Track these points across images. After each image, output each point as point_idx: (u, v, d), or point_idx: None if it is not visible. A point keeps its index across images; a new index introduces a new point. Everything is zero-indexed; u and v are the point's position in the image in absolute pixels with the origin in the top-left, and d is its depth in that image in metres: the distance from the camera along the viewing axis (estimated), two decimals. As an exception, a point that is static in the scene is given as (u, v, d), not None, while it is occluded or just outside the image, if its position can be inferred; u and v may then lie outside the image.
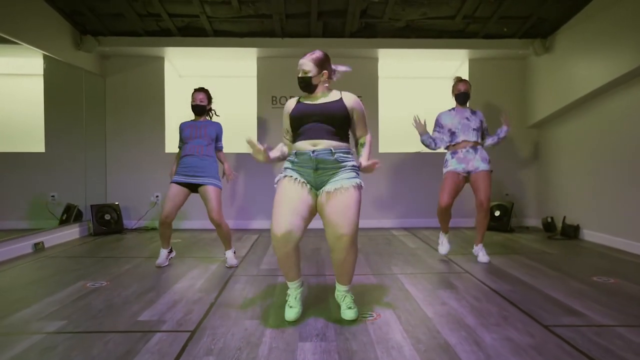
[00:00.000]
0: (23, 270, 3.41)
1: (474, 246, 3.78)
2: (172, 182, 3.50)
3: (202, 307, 2.49)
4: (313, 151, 2.25)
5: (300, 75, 2.35)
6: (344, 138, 2.36)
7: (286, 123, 2.46)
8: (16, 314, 2.38)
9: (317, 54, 2.37)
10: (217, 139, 3.67)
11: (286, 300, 2.36)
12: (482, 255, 3.66)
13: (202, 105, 3.61)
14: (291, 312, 2.27)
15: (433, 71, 6.16)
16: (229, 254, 3.58)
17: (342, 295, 2.39)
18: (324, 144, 2.25)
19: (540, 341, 2.00)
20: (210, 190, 3.44)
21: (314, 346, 1.95)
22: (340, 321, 2.26)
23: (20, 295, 2.74)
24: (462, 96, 3.79)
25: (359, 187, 2.26)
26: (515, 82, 5.78)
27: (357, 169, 2.33)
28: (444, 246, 3.84)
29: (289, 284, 2.37)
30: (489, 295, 2.73)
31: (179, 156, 3.60)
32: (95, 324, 2.22)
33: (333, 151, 2.24)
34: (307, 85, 2.36)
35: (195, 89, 3.67)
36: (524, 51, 5.36)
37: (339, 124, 2.32)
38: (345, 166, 2.27)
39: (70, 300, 2.62)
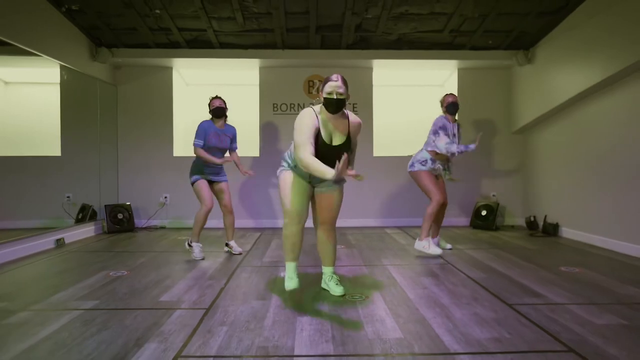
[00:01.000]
0: (50, 262, 3.79)
1: (438, 240, 4.26)
2: (199, 179, 3.96)
3: (214, 291, 2.87)
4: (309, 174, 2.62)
5: (335, 98, 2.49)
6: None
7: (311, 132, 2.48)
8: (54, 295, 2.76)
9: (342, 77, 2.58)
10: (233, 140, 4.20)
11: (285, 276, 2.75)
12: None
13: (222, 107, 4.08)
14: (292, 282, 2.67)
15: (425, 80, 6.55)
16: (234, 242, 4.18)
17: (329, 275, 2.86)
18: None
19: (501, 315, 2.37)
20: (225, 186, 4.13)
21: (310, 319, 2.33)
22: (333, 301, 2.63)
23: (53, 282, 3.12)
24: (453, 106, 4.12)
25: (342, 191, 2.80)
26: (500, 90, 6.17)
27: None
28: (436, 248, 3.96)
29: (288, 264, 2.75)
30: (465, 281, 3.10)
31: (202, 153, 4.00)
32: (124, 304, 2.59)
33: None
34: (340, 107, 2.53)
35: (212, 97, 4.14)
36: (508, 62, 5.75)
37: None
38: None
39: (97, 285, 3.00)
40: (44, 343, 2.00)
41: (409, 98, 6.74)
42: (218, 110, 4.06)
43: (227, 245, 4.21)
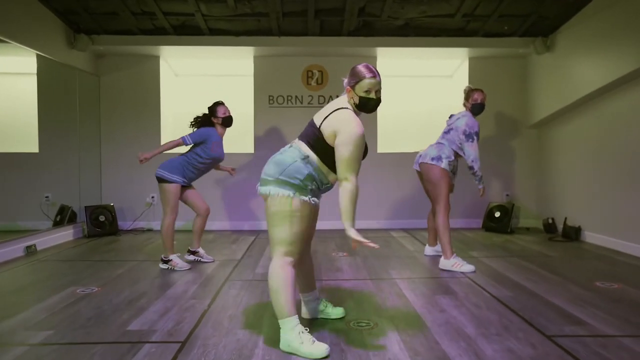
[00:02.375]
0: (13, 275, 3.34)
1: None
2: (177, 184, 3.50)
3: (195, 315, 2.43)
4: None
5: (375, 97, 2.09)
6: None
7: (360, 155, 2.00)
8: (3, 322, 2.31)
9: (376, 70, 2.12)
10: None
11: (301, 343, 1.91)
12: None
13: (232, 116, 3.72)
14: (321, 346, 1.90)
15: (433, 69, 6.08)
16: (202, 250, 3.81)
17: (321, 300, 2.38)
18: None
19: (542, 353, 1.93)
20: (194, 190, 3.73)
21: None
22: (334, 329, 2.19)
23: (8, 302, 2.68)
24: (480, 108, 3.68)
25: None
26: (515, 81, 5.70)
27: None
28: (469, 265, 3.42)
29: (294, 320, 1.97)
30: (489, 301, 2.66)
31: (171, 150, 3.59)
32: (83, 334, 2.15)
33: None
34: (377, 108, 2.15)
35: (216, 103, 3.69)
36: (525, 50, 5.27)
37: None
38: None
39: (59, 307, 2.55)
40: (-38, 402, 1.56)
41: (415, 89, 6.26)
42: (228, 120, 3.68)
43: (194, 253, 3.75)
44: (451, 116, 3.81)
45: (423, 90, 6.25)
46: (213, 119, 3.67)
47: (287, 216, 1.95)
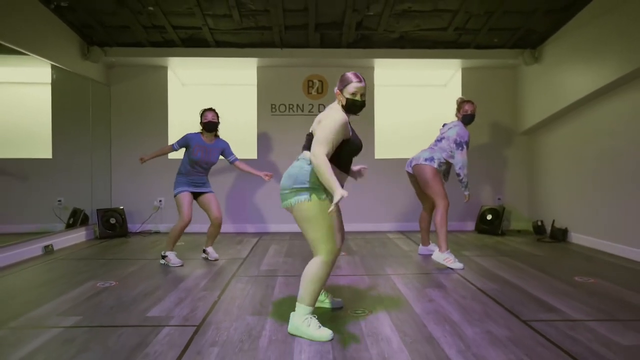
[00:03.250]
0: (35, 271, 3.60)
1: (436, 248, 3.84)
2: (183, 192, 3.81)
3: (207, 304, 2.68)
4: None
5: (360, 99, 2.31)
6: None
7: (340, 137, 2.21)
8: (35, 310, 2.56)
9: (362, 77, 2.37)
10: (227, 154, 4.04)
11: (310, 327, 2.16)
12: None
13: (214, 122, 3.93)
14: (327, 331, 2.15)
15: (427, 79, 6.37)
16: (211, 249, 4.04)
17: (323, 293, 2.64)
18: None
19: (517, 334, 2.19)
20: (211, 197, 3.97)
21: (310, 338, 2.14)
22: (334, 317, 2.44)
23: (36, 293, 2.93)
24: (470, 118, 3.96)
25: None
26: (506, 90, 5.99)
27: None
28: (459, 263, 3.66)
29: (311, 309, 2.21)
30: (474, 293, 2.91)
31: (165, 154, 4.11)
32: (108, 319, 2.40)
33: None
34: (361, 110, 2.38)
35: (204, 109, 3.97)
36: (514, 61, 5.57)
37: None
38: None
39: (83, 298, 2.81)
40: (15, 369, 1.82)
41: (411, 98, 6.55)
42: (209, 125, 3.92)
43: (204, 251, 4.06)
44: (444, 125, 4.08)
45: (418, 99, 6.54)
46: (200, 124, 3.96)
47: (312, 217, 2.18)
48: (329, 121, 2.20)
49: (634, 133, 3.98)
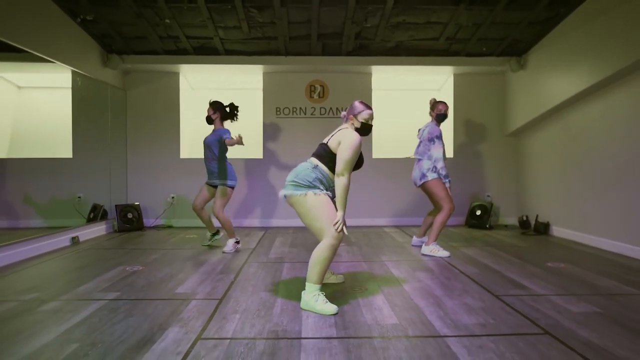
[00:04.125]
0: (68, 259, 4.03)
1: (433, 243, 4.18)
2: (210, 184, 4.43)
3: (225, 284, 3.11)
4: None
5: (371, 124, 2.86)
6: None
7: (357, 157, 2.69)
8: (79, 287, 3.00)
9: None
10: (220, 139, 4.28)
11: (317, 301, 2.51)
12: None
13: (207, 116, 4.44)
14: (332, 306, 2.50)
15: (422, 84, 6.80)
16: (230, 241, 4.37)
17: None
18: None
19: (488, 305, 2.62)
20: (208, 189, 4.43)
21: (315, 308, 2.57)
22: (335, 291, 2.87)
23: (74, 276, 3.36)
24: (443, 116, 4.33)
25: None
26: (495, 94, 6.42)
27: None
28: (444, 250, 4.11)
29: (319, 286, 2.57)
30: (458, 276, 3.34)
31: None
32: (143, 294, 2.84)
33: None
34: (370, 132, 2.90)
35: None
36: (502, 68, 6.00)
37: None
38: None
39: (116, 279, 3.24)
40: (79, 326, 2.24)
41: (406, 102, 6.98)
42: (206, 120, 4.46)
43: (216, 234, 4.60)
44: (419, 130, 4.45)
45: (413, 102, 6.96)
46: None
47: (311, 208, 2.60)
48: (350, 142, 2.64)
49: (610, 134, 4.41)
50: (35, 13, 4.31)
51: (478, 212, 6.00)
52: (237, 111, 4.51)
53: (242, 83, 6.65)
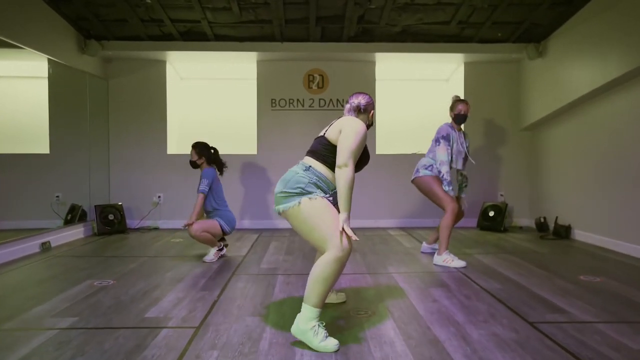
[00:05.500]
0: (32, 269, 3.54)
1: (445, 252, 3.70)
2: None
3: (206, 305, 2.63)
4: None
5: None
6: None
7: (362, 149, 2.24)
8: (31, 310, 2.51)
9: None
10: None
11: (322, 338, 2.00)
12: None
13: (191, 161, 4.00)
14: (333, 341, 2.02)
15: (429, 74, 6.29)
16: (212, 250, 3.90)
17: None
18: None
19: (523, 336, 2.13)
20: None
21: (312, 341, 2.08)
22: (336, 317, 2.39)
23: (32, 292, 2.87)
24: (463, 118, 3.83)
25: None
26: (509, 84, 5.91)
27: None
28: (459, 260, 3.62)
29: (317, 310, 2.05)
30: (479, 293, 2.86)
31: None
32: (106, 321, 2.35)
33: None
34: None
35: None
36: (518, 55, 5.49)
37: None
38: None
39: (80, 297, 2.75)
40: (8, 374, 1.76)
41: (413, 93, 6.47)
42: (191, 164, 4.08)
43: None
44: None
45: (420, 93, 6.46)
46: None
47: (307, 218, 2.11)
48: (355, 128, 2.20)
49: (638, 129, 3.92)
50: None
51: (491, 214, 5.52)
52: (224, 166, 4.11)
53: (234, 72, 6.14)
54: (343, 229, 2.07)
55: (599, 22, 4.25)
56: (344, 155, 2.11)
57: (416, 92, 6.47)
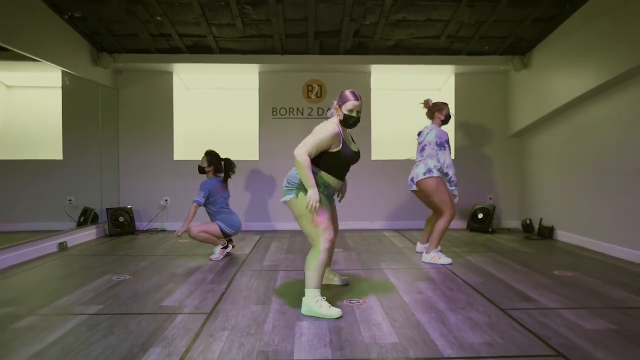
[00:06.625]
0: (53, 266, 3.85)
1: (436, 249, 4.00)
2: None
3: (215, 295, 2.94)
4: (337, 192, 2.93)
5: (356, 116, 2.71)
6: None
7: (325, 145, 2.59)
8: (59, 299, 2.82)
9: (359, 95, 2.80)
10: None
11: (321, 307, 2.49)
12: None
13: (200, 166, 4.38)
14: (335, 310, 2.51)
15: (422, 84, 6.62)
16: (217, 248, 4.20)
17: (331, 272, 3.17)
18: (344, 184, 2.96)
19: (494, 320, 2.45)
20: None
21: (309, 324, 2.40)
22: (331, 305, 2.70)
23: (57, 286, 3.18)
24: (449, 118, 4.18)
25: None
26: (497, 94, 6.24)
27: None
28: (446, 257, 3.93)
29: (318, 291, 2.55)
30: (461, 286, 3.17)
31: None
32: (127, 308, 2.66)
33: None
34: (356, 124, 2.78)
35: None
36: (505, 67, 5.82)
37: None
38: None
39: (101, 290, 3.06)
40: (52, 348, 2.07)
41: (406, 102, 6.79)
42: (199, 169, 4.44)
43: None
44: (419, 133, 4.25)
45: (413, 102, 6.77)
46: None
47: (303, 213, 2.59)
48: (320, 129, 2.64)
49: (616, 136, 4.24)
50: (20, 10, 4.13)
51: (480, 216, 5.83)
52: (233, 170, 4.43)
53: (237, 82, 6.47)
54: (314, 202, 2.53)
55: (578, 36, 4.59)
56: (298, 147, 2.55)
57: (410, 101, 6.77)
